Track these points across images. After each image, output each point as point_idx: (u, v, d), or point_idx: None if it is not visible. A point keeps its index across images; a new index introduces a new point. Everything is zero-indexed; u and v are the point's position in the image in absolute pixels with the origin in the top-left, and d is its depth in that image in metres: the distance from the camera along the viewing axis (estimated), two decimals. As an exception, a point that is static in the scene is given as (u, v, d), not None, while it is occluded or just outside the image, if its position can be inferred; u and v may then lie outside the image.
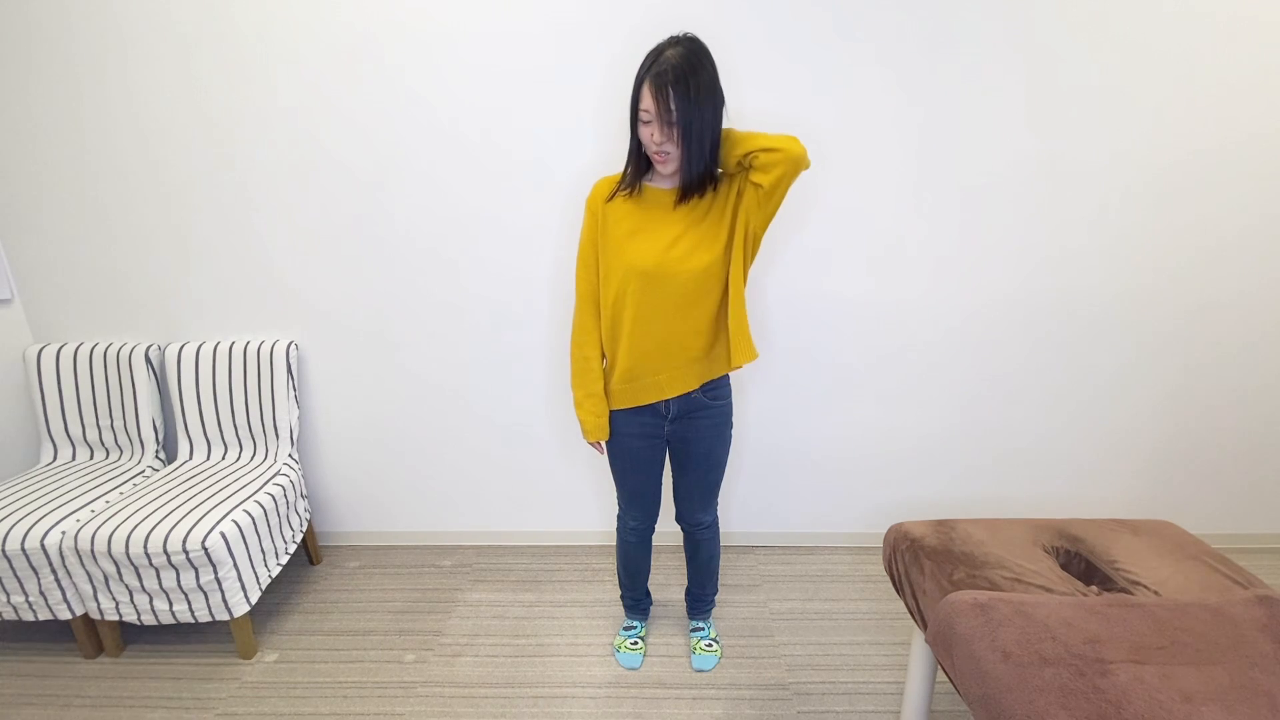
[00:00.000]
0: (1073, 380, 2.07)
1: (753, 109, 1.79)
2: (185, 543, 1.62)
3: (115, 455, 2.09)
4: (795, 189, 1.87)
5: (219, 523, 1.69)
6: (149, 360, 2.03)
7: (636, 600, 1.84)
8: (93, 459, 2.08)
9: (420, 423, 2.18)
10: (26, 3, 1.76)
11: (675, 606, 1.99)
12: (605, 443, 1.57)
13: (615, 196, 1.42)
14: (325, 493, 2.28)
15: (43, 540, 1.66)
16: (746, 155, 1.30)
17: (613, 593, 2.05)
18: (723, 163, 1.34)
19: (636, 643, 1.80)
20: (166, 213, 1.95)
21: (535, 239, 1.94)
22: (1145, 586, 1.22)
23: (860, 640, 1.85)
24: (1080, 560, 1.35)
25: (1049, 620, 1.09)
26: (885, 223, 1.91)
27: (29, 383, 2.03)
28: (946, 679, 1.44)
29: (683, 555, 1.84)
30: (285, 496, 1.96)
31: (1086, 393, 2.09)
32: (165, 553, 1.62)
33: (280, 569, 1.93)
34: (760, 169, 1.29)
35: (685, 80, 1.22)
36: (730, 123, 1.36)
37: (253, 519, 1.79)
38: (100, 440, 2.08)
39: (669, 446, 1.58)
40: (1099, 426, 2.13)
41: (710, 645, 1.79)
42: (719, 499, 1.70)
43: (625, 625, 1.86)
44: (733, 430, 1.59)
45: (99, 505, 1.80)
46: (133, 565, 1.65)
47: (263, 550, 1.84)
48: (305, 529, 2.11)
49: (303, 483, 2.12)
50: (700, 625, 1.84)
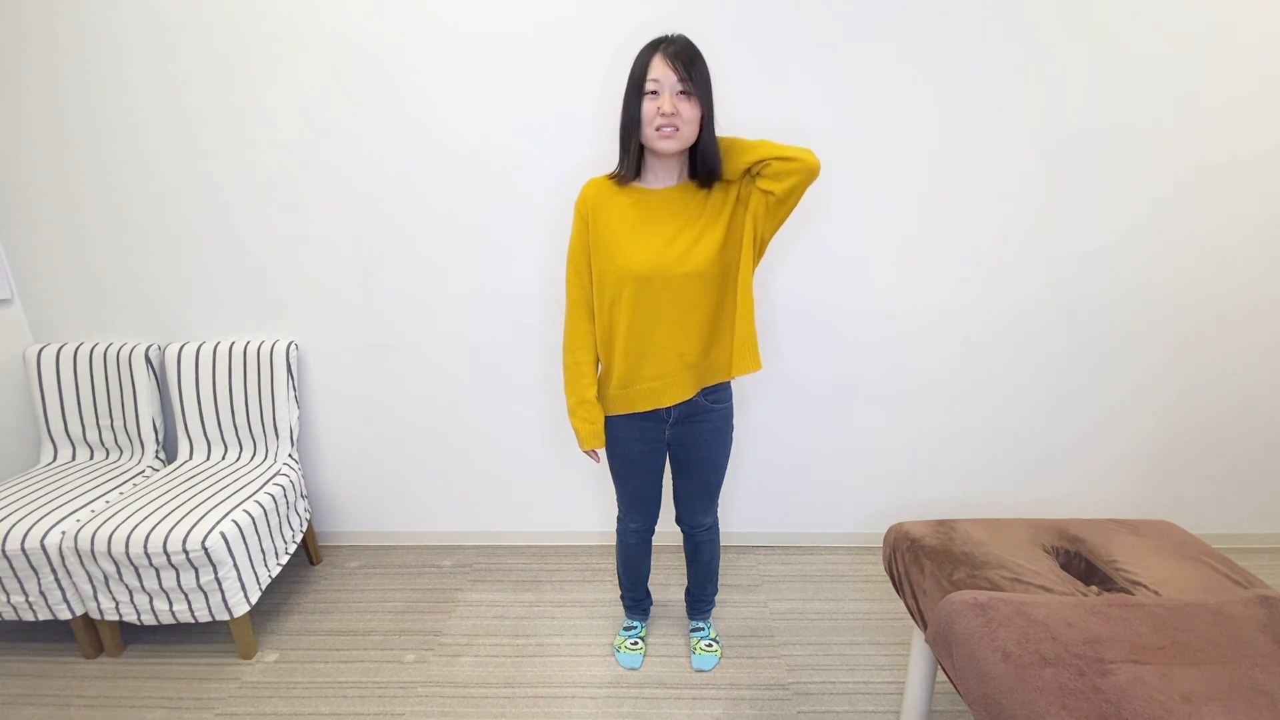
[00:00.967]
0: (1074, 382, 2.07)
1: (755, 114, 1.79)
2: (185, 543, 1.62)
3: (115, 455, 2.09)
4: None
5: (219, 523, 1.69)
6: (149, 360, 2.03)
7: (637, 600, 1.84)
8: (93, 459, 2.08)
9: (420, 423, 2.18)
10: (28, 6, 1.76)
11: (675, 606, 1.99)
12: (605, 447, 1.55)
13: (608, 196, 1.39)
14: (325, 493, 2.28)
15: (43, 540, 1.66)
16: (757, 163, 1.29)
17: (613, 593, 2.05)
18: (726, 169, 1.33)
19: (636, 643, 1.80)
20: (167, 213, 1.95)
21: (535, 239, 1.94)
22: (1145, 586, 1.22)
23: (860, 640, 1.85)
24: (1080, 560, 1.35)
25: (1049, 620, 1.08)
26: (889, 227, 1.91)
27: (29, 383, 2.03)
28: (946, 679, 1.44)
29: (683, 555, 1.83)
30: (285, 496, 1.96)
31: (1088, 393, 2.09)
32: (165, 553, 1.62)
33: (280, 569, 1.93)
34: (773, 177, 1.29)
35: (696, 57, 1.27)
36: (729, 128, 1.36)
37: (253, 519, 1.79)
38: (100, 440, 2.08)
39: (669, 449, 1.57)
40: (1099, 427, 2.13)
41: (710, 645, 1.79)
42: (719, 500, 1.70)
43: (625, 625, 1.86)
44: (734, 432, 1.59)
45: (99, 505, 1.80)
46: (133, 565, 1.65)
47: (263, 550, 1.84)
48: (305, 529, 2.11)
49: (303, 483, 2.12)
50: (700, 625, 1.84)
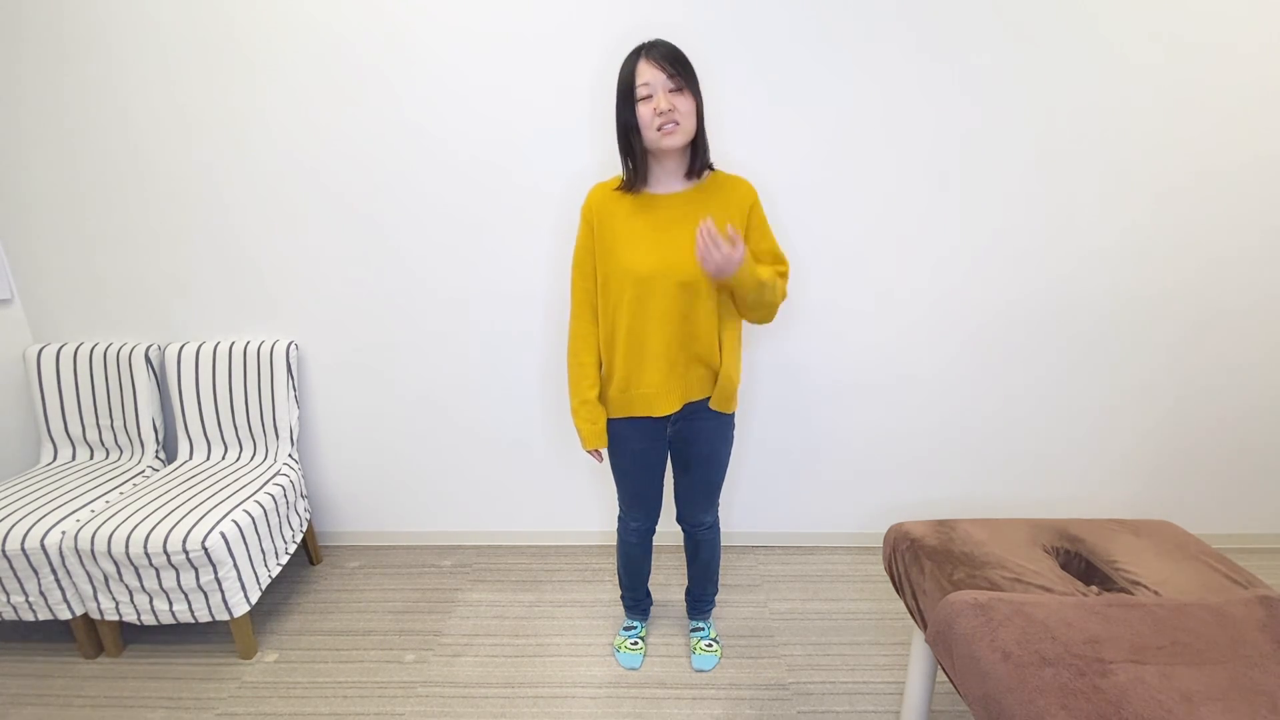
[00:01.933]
0: (1074, 382, 2.07)
1: (754, 114, 1.79)
2: (185, 543, 1.62)
3: (115, 455, 2.09)
4: (800, 196, 1.89)
5: (219, 523, 1.69)
6: (149, 360, 2.03)
7: (637, 600, 1.84)
8: (93, 459, 2.08)
9: (420, 423, 2.18)
10: (28, 7, 1.76)
11: (675, 606, 1.99)
12: (606, 447, 1.56)
13: (614, 201, 1.40)
14: (325, 493, 2.28)
15: (43, 540, 1.66)
16: (752, 284, 1.32)
17: (613, 593, 2.05)
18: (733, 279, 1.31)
19: (636, 643, 1.80)
20: (166, 213, 1.95)
21: (535, 239, 1.94)
22: (1145, 586, 1.22)
23: (860, 640, 1.85)
24: (1080, 560, 1.35)
25: (1049, 620, 1.08)
26: (889, 229, 1.91)
27: (29, 383, 2.03)
28: (946, 679, 1.44)
29: (683, 555, 1.84)
30: (285, 496, 1.96)
31: (1087, 394, 2.09)
32: (165, 553, 1.62)
33: (280, 569, 1.93)
34: (742, 304, 1.39)
35: (679, 55, 1.29)
36: (728, 127, 1.36)
37: (253, 519, 1.79)
38: (100, 440, 2.08)
39: (670, 448, 1.58)
40: (1100, 427, 2.13)
41: (710, 645, 1.79)
42: (720, 499, 1.70)
43: (625, 625, 1.86)
44: (734, 431, 1.59)
45: (99, 505, 1.80)
46: (133, 565, 1.65)
47: (263, 550, 1.84)
48: (305, 529, 2.11)
49: (303, 483, 2.12)
50: (700, 625, 1.84)
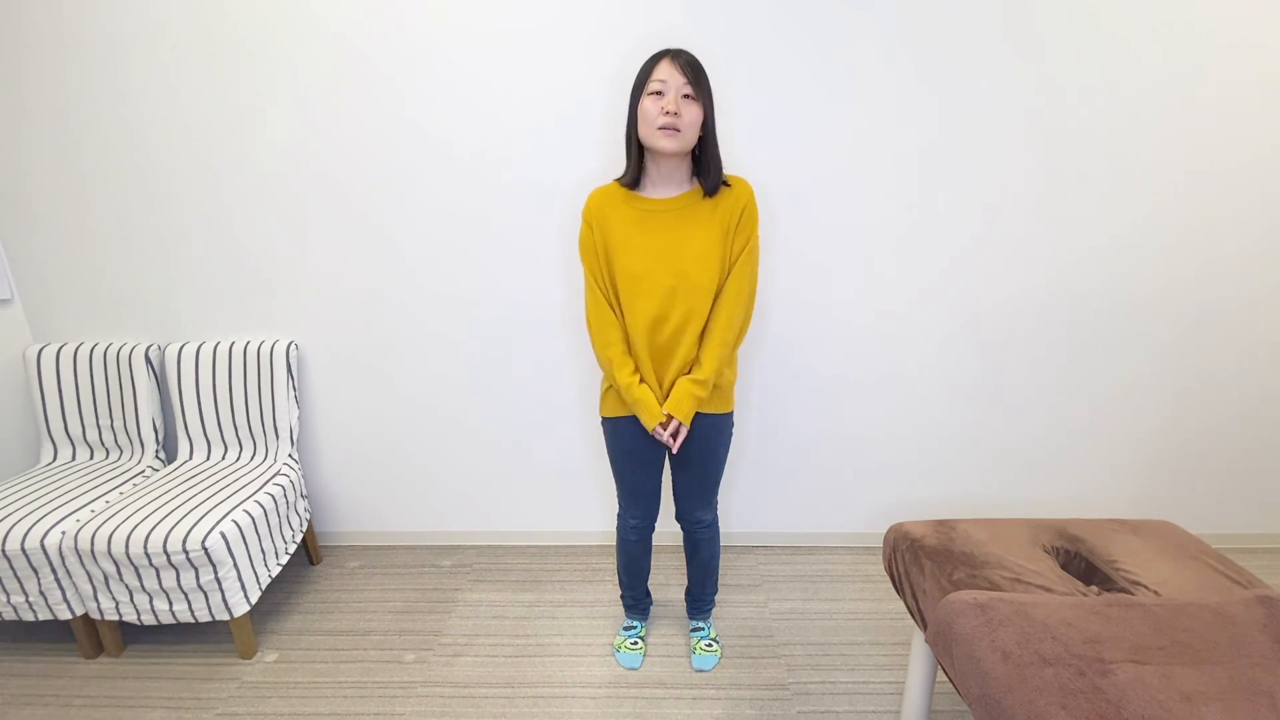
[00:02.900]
0: (1073, 382, 2.07)
1: (752, 112, 1.79)
2: (185, 543, 1.62)
3: (115, 455, 2.09)
4: (798, 192, 1.89)
5: (219, 523, 1.69)
6: (149, 360, 2.03)
7: (636, 600, 1.84)
8: (93, 459, 2.08)
9: (420, 423, 2.18)
10: (28, 8, 1.76)
11: (675, 606, 1.99)
12: (606, 440, 1.60)
13: (611, 205, 1.42)
14: (325, 493, 2.28)
15: (43, 540, 1.66)
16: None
17: (613, 593, 2.05)
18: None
19: (636, 643, 1.80)
20: (166, 213, 1.95)
21: (536, 239, 1.94)
22: (1145, 586, 1.22)
23: (860, 640, 1.85)
24: (1080, 560, 1.35)
25: (1049, 620, 1.08)
26: (887, 227, 1.91)
27: (29, 383, 2.03)
28: (946, 679, 1.44)
29: (683, 555, 1.84)
30: (285, 496, 1.96)
31: (1087, 394, 2.09)
32: (165, 553, 1.62)
33: (280, 569, 1.93)
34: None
35: (702, 69, 1.32)
36: (724, 128, 1.37)
37: (253, 519, 1.79)
38: (100, 440, 2.08)
39: None
40: (1099, 427, 2.13)
41: (710, 645, 1.79)
42: (719, 498, 1.70)
43: (625, 625, 1.86)
44: (733, 428, 1.59)
45: (99, 505, 1.80)
46: (133, 565, 1.65)
47: (263, 550, 1.84)
48: (305, 529, 2.11)
49: (303, 483, 2.12)
50: (700, 625, 1.84)
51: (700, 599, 1.82)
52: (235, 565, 1.72)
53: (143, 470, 2.02)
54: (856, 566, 2.19)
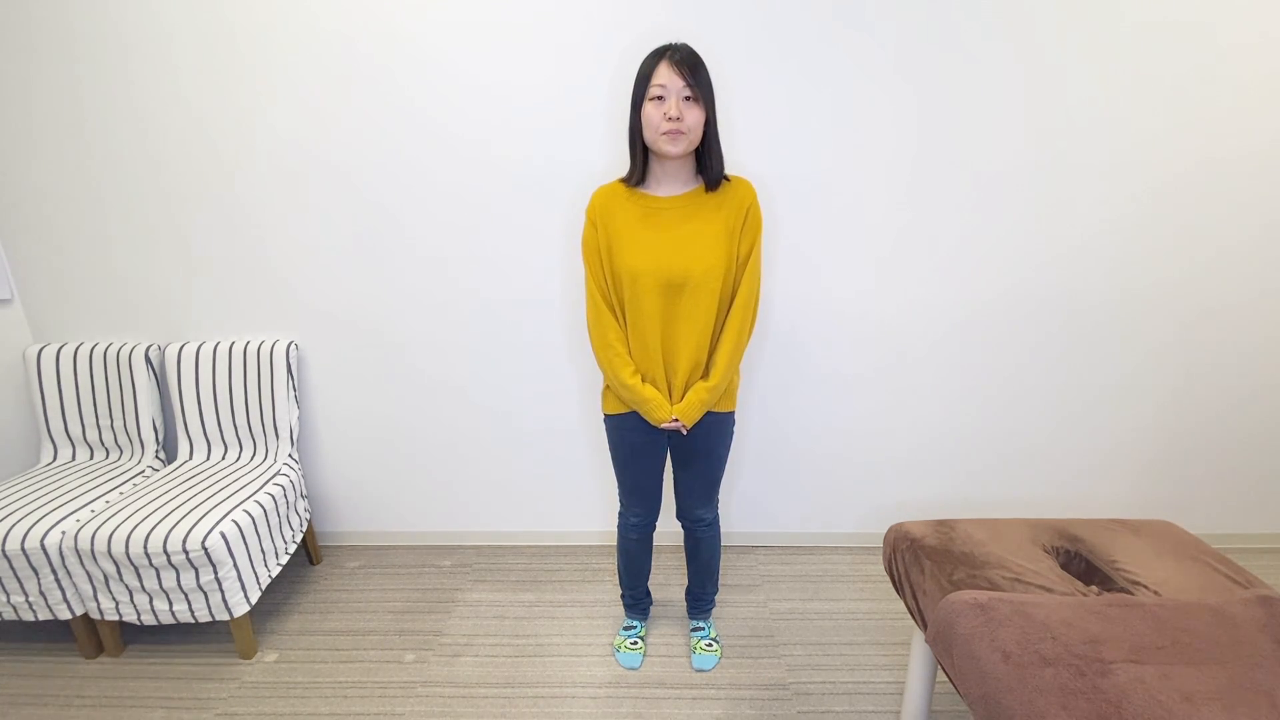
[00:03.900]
0: (1073, 381, 2.07)
1: (752, 110, 1.79)
2: (185, 543, 1.62)
3: (115, 455, 2.09)
4: (795, 191, 1.89)
5: (219, 523, 1.69)
6: (149, 360, 2.03)
7: (636, 599, 1.84)
8: (93, 459, 2.08)
9: (420, 422, 2.18)
10: (27, 5, 1.77)
11: (675, 606, 1.99)
12: (608, 437, 1.62)
13: (616, 202, 1.42)
14: (325, 493, 2.28)
15: (43, 540, 1.66)
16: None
17: (613, 593, 2.05)
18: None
19: (636, 642, 1.80)
20: (167, 213, 1.95)
21: (536, 239, 1.94)
22: (1145, 586, 1.22)
23: (860, 640, 1.85)
24: (1080, 560, 1.35)
25: (1049, 620, 1.09)
26: (886, 224, 1.91)
27: (29, 383, 2.03)
28: (946, 679, 1.44)
29: (683, 555, 1.84)
30: (285, 496, 1.96)
31: (1087, 393, 2.09)
32: (165, 553, 1.62)
33: (280, 569, 1.93)
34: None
35: (700, 64, 1.31)
36: (724, 125, 1.36)
37: (253, 519, 1.79)
38: (100, 440, 2.08)
39: (670, 443, 1.59)
40: (1099, 427, 2.13)
41: (710, 645, 1.79)
42: (720, 497, 1.70)
43: (625, 625, 1.86)
44: (734, 428, 1.59)
45: (99, 505, 1.80)
46: (133, 565, 1.65)
47: (263, 550, 1.84)
48: (305, 529, 2.11)
49: (303, 483, 2.12)
50: (700, 625, 1.84)
51: (701, 598, 1.82)
52: (235, 565, 1.72)
53: (143, 470, 2.02)
54: (856, 566, 2.19)
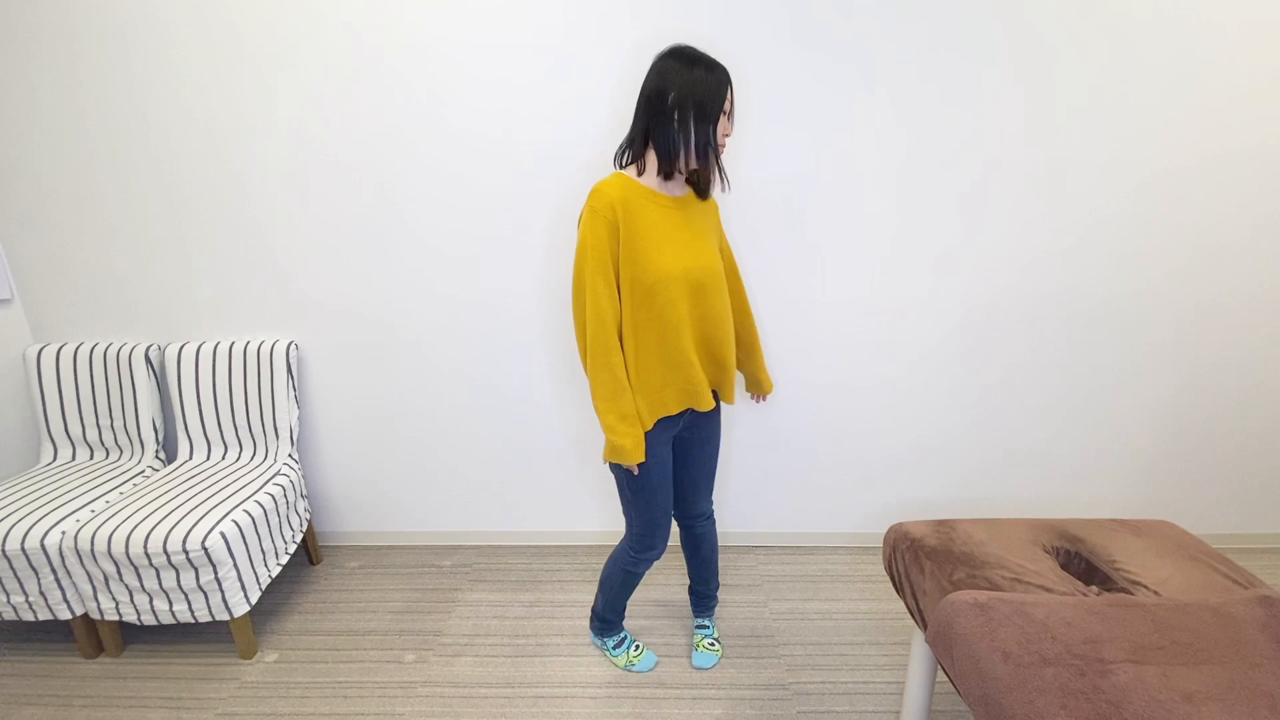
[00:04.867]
0: (1073, 380, 2.07)
1: (746, 108, 1.79)
2: (185, 543, 1.62)
3: (115, 455, 2.09)
4: (791, 189, 1.89)
5: (219, 523, 1.69)
6: (149, 360, 2.03)
7: (619, 615, 1.77)
8: (93, 459, 2.08)
9: (420, 422, 2.18)
10: (28, 5, 1.77)
11: (671, 607, 1.99)
12: (643, 468, 1.45)
13: (634, 199, 1.34)
14: (325, 493, 2.28)
15: (43, 540, 1.66)
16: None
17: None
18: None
19: (638, 647, 1.79)
20: (166, 213, 1.95)
21: (537, 239, 1.94)
22: (1145, 586, 1.22)
23: (860, 640, 1.85)
24: (1080, 560, 1.35)
25: (1049, 620, 1.08)
26: (885, 223, 1.91)
27: (29, 383, 2.03)
28: (946, 679, 1.44)
29: (678, 556, 1.83)
30: (285, 496, 1.96)
31: (1087, 393, 2.09)
32: (165, 553, 1.62)
33: (280, 569, 1.93)
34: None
35: None
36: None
37: (253, 519, 1.79)
38: (100, 440, 2.08)
39: (676, 444, 1.56)
40: (1099, 427, 2.13)
41: (713, 644, 1.79)
42: (719, 499, 1.69)
43: (617, 640, 1.78)
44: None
45: (99, 505, 1.80)
46: (133, 565, 1.65)
47: (263, 550, 1.84)
48: (305, 529, 2.11)
49: (303, 483, 2.12)
50: (705, 623, 1.84)
51: (706, 595, 1.81)
52: (235, 565, 1.72)
53: (143, 470, 2.02)
54: (856, 566, 2.19)
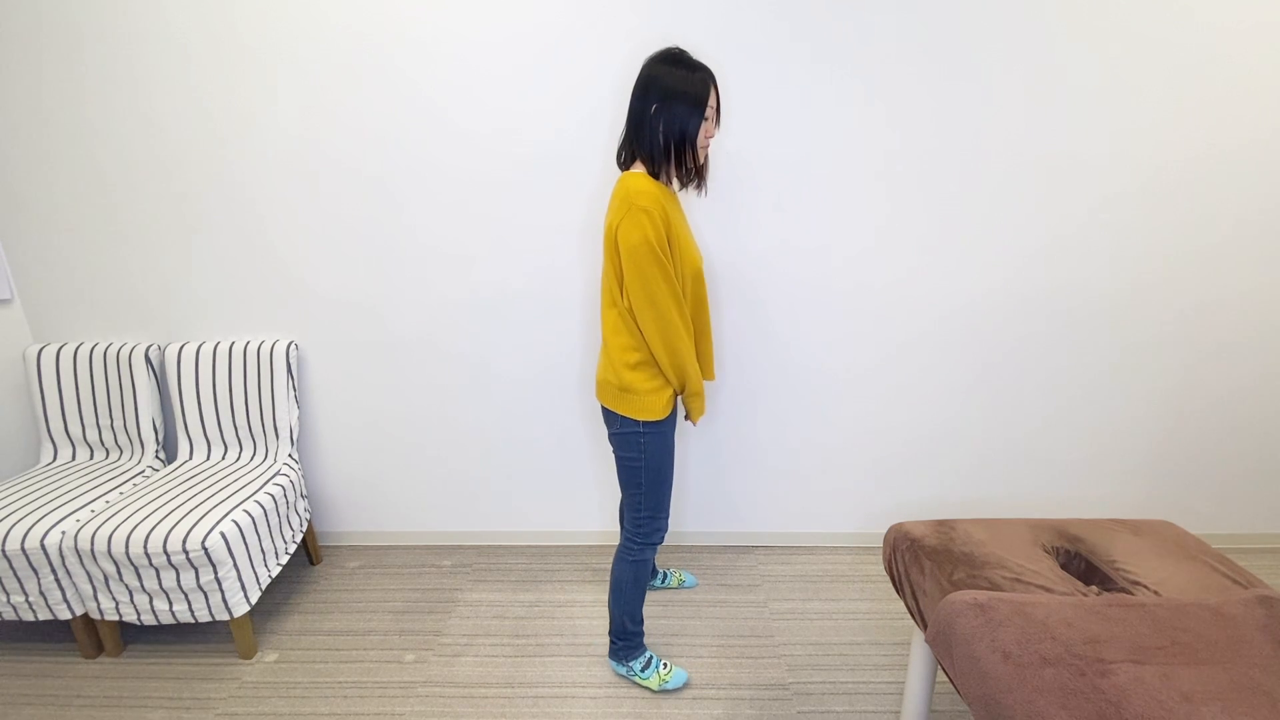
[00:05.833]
0: (1073, 380, 2.07)
1: (742, 98, 1.79)
2: (185, 543, 1.62)
3: (115, 455, 2.09)
4: (786, 185, 1.89)
5: (219, 523, 1.69)
6: (149, 360, 2.03)
7: (640, 623, 1.70)
8: (93, 459, 2.08)
9: (420, 422, 2.18)
10: (30, 5, 1.77)
11: (671, 606, 1.99)
12: (652, 448, 1.51)
13: (663, 196, 1.38)
14: (325, 493, 2.28)
15: (43, 540, 1.66)
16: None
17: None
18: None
19: (667, 665, 1.72)
20: (167, 212, 1.95)
21: (538, 238, 1.94)
22: (1145, 586, 1.22)
23: (860, 640, 1.85)
24: (1080, 560, 1.35)
25: (1049, 620, 1.08)
26: (883, 220, 1.91)
27: (29, 383, 2.03)
28: (946, 679, 1.44)
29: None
30: (285, 496, 1.96)
31: (1087, 393, 2.09)
32: (165, 553, 1.62)
33: (280, 569, 1.93)
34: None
35: None
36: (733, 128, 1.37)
37: (253, 519, 1.79)
38: (100, 440, 2.08)
39: None
40: (1099, 427, 2.13)
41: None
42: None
43: (644, 660, 1.70)
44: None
45: (99, 505, 1.80)
46: (133, 565, 1.65)
47: (263, 550, 1.84)
48: (305, 529, 2.11)
49: (303, 483, 2.12)
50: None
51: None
52: (235, 565, 1.72)
53: (143, 470, 2.02)
54: (856, 566, 2.19)
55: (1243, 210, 1.89)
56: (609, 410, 1.50)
